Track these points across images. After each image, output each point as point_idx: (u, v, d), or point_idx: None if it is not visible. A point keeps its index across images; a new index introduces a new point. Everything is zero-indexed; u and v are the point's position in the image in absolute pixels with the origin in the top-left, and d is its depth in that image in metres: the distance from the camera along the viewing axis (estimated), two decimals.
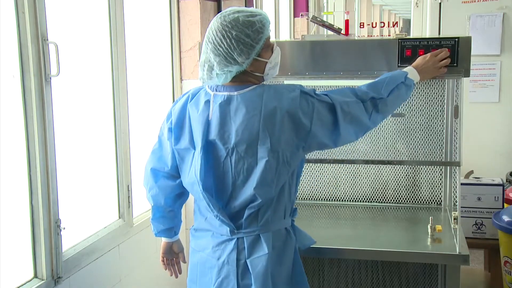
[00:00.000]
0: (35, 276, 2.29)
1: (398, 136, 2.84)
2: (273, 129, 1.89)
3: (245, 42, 1.88)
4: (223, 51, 1.89)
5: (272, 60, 2.00)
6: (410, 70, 2.25)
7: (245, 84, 1.96)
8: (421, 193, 2.90)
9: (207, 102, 1.97)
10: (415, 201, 2.91)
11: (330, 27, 2.64)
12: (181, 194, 2.17)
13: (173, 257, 2.29)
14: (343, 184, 2.96)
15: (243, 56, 1.89)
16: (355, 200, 2.96)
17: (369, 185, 2.94)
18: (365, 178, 2.94)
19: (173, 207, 2.19)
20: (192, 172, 1.98)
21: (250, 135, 1.90)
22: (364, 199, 2.95)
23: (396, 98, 2.15)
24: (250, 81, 1.97)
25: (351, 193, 2.96)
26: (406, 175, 2.91)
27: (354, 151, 2.89)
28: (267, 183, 1.91)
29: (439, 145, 2.81)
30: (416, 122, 2.82)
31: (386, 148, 2.86)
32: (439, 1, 4.97)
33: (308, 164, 2.97)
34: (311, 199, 3.00)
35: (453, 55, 2.36)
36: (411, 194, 2.92)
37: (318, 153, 2.90)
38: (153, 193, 2.16)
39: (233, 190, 1.96)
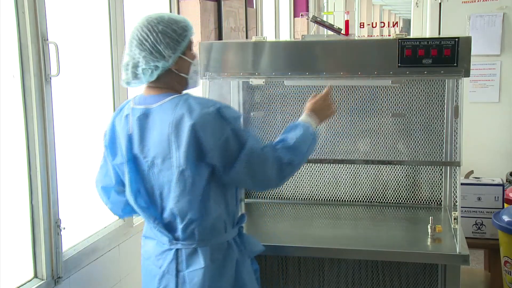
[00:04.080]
0: (35, 276, 2.29)
1: (398, 136, 2.84)
2: (180, 142, 1.87)
3: (171, 36, 1.89)
4: (149, 45, 1.88)
5: (196, 63, 2.00)
6: (311, 118, 2.17)
7: (166, 93, 1.94)
8: (421, 193, 2.90)
9: (127, 116, 1.98)
10: (415, 201, 2.91)
11: (330, 27, 2.64)
12: None
13: None
14: (343, 184, 2.96)
15: (169, 50, 1.89)
16: (355, 200, 2.96)
17: (369, 185, 2.94)
18: (365, 178, 2.94)
19: (135, 213, 2.18)
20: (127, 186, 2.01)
21: (163, 148, 1.90)
22: (364, 199, 2.95)
23: (306, 156, 2.09)
24: (173, 88, 1.96)
25: (351, 194, 2.96)
26: (406, 175, 2.90)
27: (354, 151, 2.89)
28: (183, 195, 1.91)
29: (439, 145, 2.81)
30: (416, 122, 2.82)
31: (386, 148, 2.86)
32: (439, 1, 4.97)
33: (308, 164, 2.97)
34: (311, 199, 2.99)
35: (453, 55, 2.36)
36: (411, 194, 2.91)
37: (318, 153, 2.90)
38: (110, 207, 2.19)
39: (161, 202, 1.98)
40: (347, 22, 2.66)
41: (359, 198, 2.95)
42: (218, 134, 1.87)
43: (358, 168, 2.94)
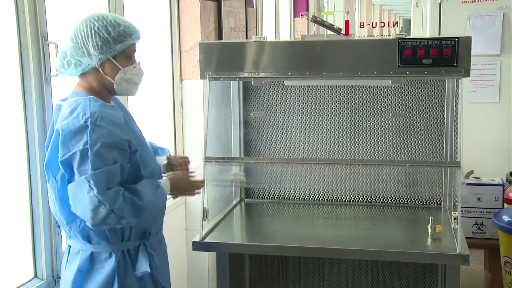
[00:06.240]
0: (35, 276, 2.29)
1: (398, 136, 2.84)
2: (49, 143, 1.88)
3: (103, 37, 1.87)
4: (80, 39, 1.88)
5: (127, 71, 1.94)
6: (164, 183, 2.02)
7: (78, 91, 1.92)
8: (421, 193, 2.90)
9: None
10: (415, 201, 2.91)
11: (330, 27, 2.64)
12: None
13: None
14: (343, 184, 2.96)
15: (97, 49, 1.87)
16: (355, 200, 2.96)
17: (369, 185, 2.94)
18: (365, 178, 2.94)
19: None
20: None
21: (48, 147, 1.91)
22: (364, 199, 2.95)
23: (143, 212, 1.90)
24: (95, 89, 1.92)
25: (351, 194, 2.96)
26: (406, 175, 2.90)
27: (354, 151, 2.89)
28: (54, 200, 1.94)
29: (439, 145, 2.81)
30: (416, 122, 2.82)
31: (386, 148, 2.86)
32: (439, 1, 4.98)
33: (308, 164, 2.97)
34: (311, 199, 2.99)
35: (453, 55, 2.36)
36: (411, 194, 2.91)
37: (318, 153, 2.90)
38: None
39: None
40: (347, 22, 2.66)
41: (359, 198, 2.95)
42: (67, 150, 1.79)
43: (358, 168, 2.94)
